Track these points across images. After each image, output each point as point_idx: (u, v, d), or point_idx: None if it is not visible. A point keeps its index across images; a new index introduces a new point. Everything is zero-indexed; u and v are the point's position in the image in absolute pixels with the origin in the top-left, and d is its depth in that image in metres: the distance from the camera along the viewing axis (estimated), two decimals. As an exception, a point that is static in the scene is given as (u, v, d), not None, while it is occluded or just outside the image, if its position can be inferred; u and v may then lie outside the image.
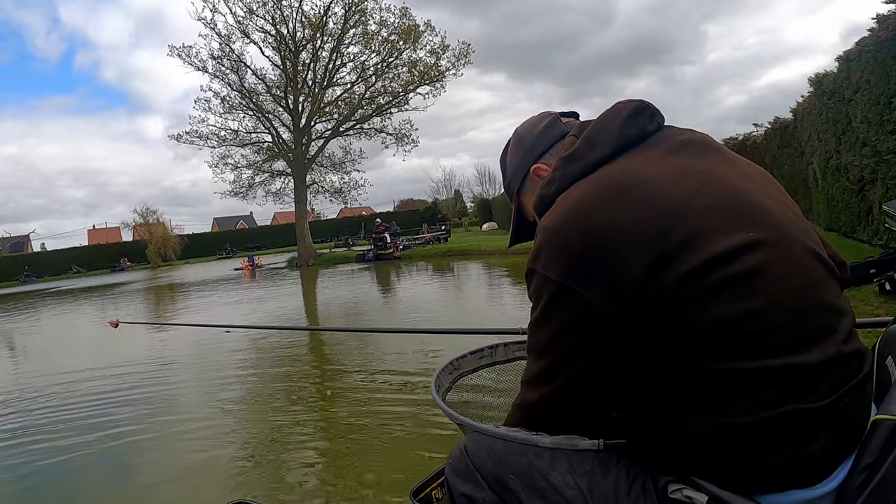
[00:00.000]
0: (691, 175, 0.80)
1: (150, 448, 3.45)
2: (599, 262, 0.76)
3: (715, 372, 0.72)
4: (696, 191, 0.78)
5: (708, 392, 0.73)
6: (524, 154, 1.04)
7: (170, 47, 23.15)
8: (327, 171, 26.35)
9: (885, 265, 4.45)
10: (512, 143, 1.08)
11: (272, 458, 3.04)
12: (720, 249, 0.73)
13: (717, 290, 0.72)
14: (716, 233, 0.74)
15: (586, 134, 0.90)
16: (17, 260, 45.97)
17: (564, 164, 0.90)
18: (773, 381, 0.71)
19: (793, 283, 0.75)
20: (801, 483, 0.72)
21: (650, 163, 0.84)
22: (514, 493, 0.89)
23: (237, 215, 66.53)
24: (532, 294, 0.85)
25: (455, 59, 23.50)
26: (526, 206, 1.05)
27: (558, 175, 0.90)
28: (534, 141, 1.03)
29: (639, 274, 0.73)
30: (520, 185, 1.05)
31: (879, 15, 5.67)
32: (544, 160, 1.00)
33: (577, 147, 0.89)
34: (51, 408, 4.49)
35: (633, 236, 0.75)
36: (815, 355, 0.73)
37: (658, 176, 0.80)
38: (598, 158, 0.86)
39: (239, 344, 6.59)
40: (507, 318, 6.47)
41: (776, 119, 10.51)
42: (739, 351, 0.72)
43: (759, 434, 0.71)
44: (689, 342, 0.73)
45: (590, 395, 0.84)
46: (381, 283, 13.50)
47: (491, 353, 1.50)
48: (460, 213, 48.24)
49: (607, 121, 0.90)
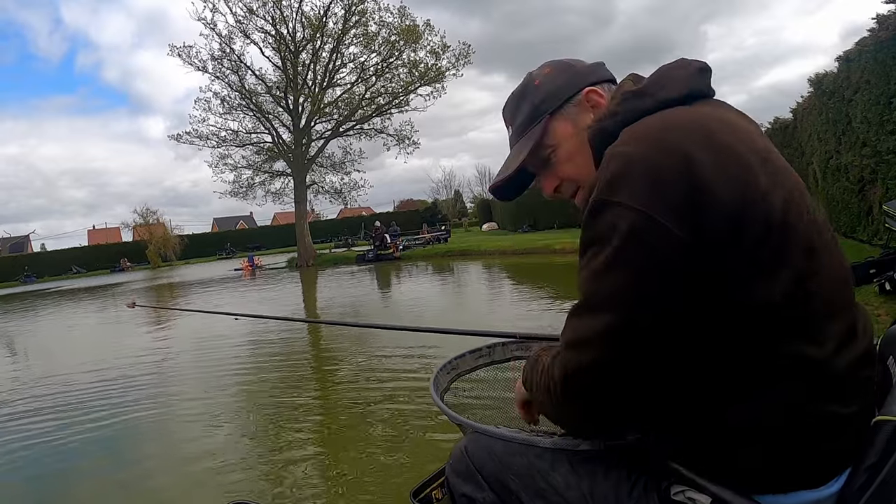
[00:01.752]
0: (760, 141, 0.77)
1: (149, 448, 3.44)
2: (692, 196, 0.68)
3: (758, 352, 0.70)
4: (766, 154, 0.75)
5: (745, 375, 0.71)
6: (574, 75, 0.92)
7: (170, 47, 23.16)
8: (327, 171, 26.36)
9: (885, 265, 4.44)
10: (554, 66, 0.94)
11: (272, 458, 3.04)
12: (791, 220, 0.71)
13: (782, 259, 0.69)
14: (787, 206, 0.71)
15: (654, 77, 0.84)
16: (17, 260, 45.94)
17: (633, 97, 0.82)
18: (809, 374, 0.70)
19: (839, 273, 0.75)
20: (807, 484, 0.72)
21: (723, 113, 0.79)
22: (515, 493, 0.89)
23: (237, 215, 66.53)
24: (599, 232, 0.72)
25: (455, 60, 23.53)
26: (556, 131, 0.90)
27: (625, 108, 0.81)
28: (587, 70, 0.93)
29: (729, 213, 0.68)
30: (560, 105, 0.90)
31: (879, 15, 5.67)
32: (600, 87, 0.91)
33: (646, 85, 0.83)
34: (51, 406, 4.48)
35: (726, 177, 0.69)
36: (847, 355, 0.72)
37: (735, 125, 0.77)
38: (670, 98, 0.80)
39: (240, 342, 6.60)
40: (508, 319, 6.47)
41: (776, 119, 10.52)
42: (785, 335, 0.70)
43: (780, 433, 0.70)
44: (740, 315, 0.70)
45: (652, 362, 0.71)
46: (380, 283, 13.49)
47: (489, 352, 1.50)
48: (460, 213, 48.24)
49: (675, 70, 0.84)
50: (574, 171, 0.90)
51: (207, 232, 56.73)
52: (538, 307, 6.99)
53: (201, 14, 28.98)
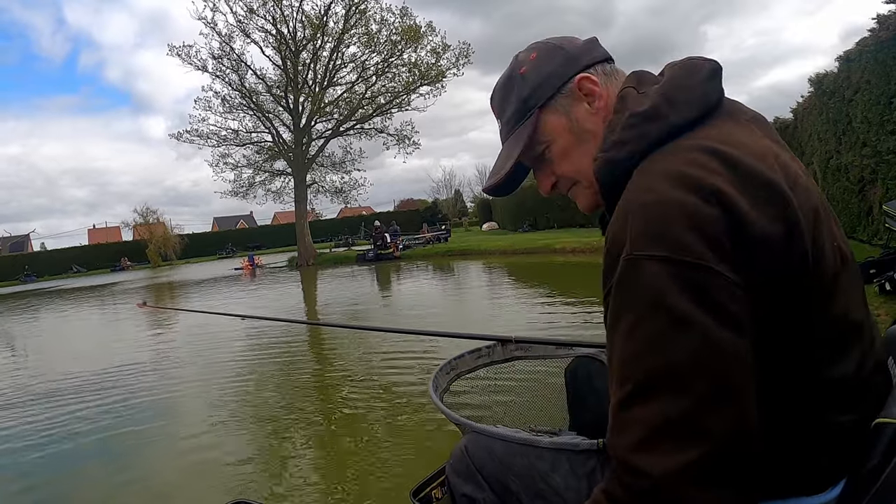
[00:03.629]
0: (780, 158, 0.72)
1: (150, 448, 3.45)
2: (737, 235, 0.61)
3: (785, 380, 0.68)
4: (793, 178, 0.70)
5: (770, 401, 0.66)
6: (564, 61, 0.82)
7: (169, 46, 23.15)
8: (327, 170, 26.35)
9: (885, 265, 4.45)
10: (540, 50, 0.84)
11: (272, 458, 3.04)
12: (823, 246, 0.68)
13: (819, 285, 0.67)
14: (818, 229, 0.68)
15: (664, 91, 0.74)
16: (17, 259, 45.96)
17: (641, 121, 0.72)
18: (838, 389, 0.69)
19: (858, 291, 0.74)
20: (809, 490, 0.71)
21: (744, 135, 0.72)
22: (515, 494, 0.89)
23: (237, 215, 66.54)
24: (644, 294, 0.61)
25: (455, 59, 23.52)
26: (547, 125, 0.82)
27: (633, 135, 0.72)
28: (577, 51, 0.83)
29: (772, 255, 0.63)
30: (550, 95, 0.81)
31: (879, 15, 5.68)
32: (592, 72, 0.82)
33: (657, 104, 0.73)
34: (51, 405, 4.48)
35: (762, 209, 0.63)
36: (868, 364, 0.72)
37: (759, 148, 0.71)
38: (685, 121, 0.71)
39: (241, 341, 6.60)
40: (507, 319, 6.47)
41: (776, 119, 10.50)
42: (828, 354, 0.68)
43: (793, 441, 0.69)
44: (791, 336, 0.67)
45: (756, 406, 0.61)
46: (381, 282, 13.49)
47: (489, 352, 1.50)
48: (460, 212, 48.24)
49: (685, 78, 0.76)
50: (570, 168, 0.83)
51: (208, 231, 56.76)
52: (538, 307, 6.99)
53: (202, 13, 29.10)
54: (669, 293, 0.59)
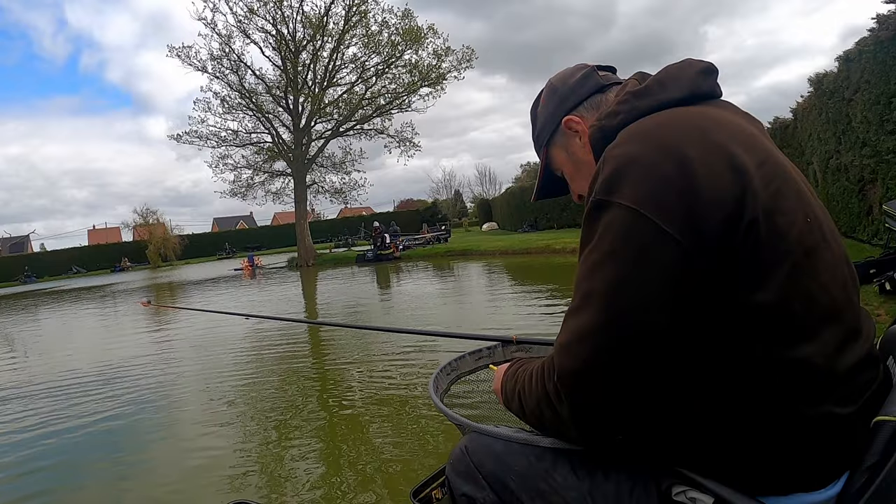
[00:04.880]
0: (759, 141, 0.78)
1: (150, 447, 3.45)
2: (685, 195, 0.68)
3: (757, 357, 0.69)
4: (764, 155, 0.75)
5: (744, 380, 0.70)
6: (556, 104, 0.97)
7: (169, 47, 23.20)
8: (327, 171, 26.38)
9: (885, 265, 4.45)
10: (544, 93, 1.01)
11: (272, 458, 3.04)
12: (785, 220, 0.71)
13: (778, 262, 0.69)
14: (783, 205, 0.72)
15: (657, 77, 0.85)
16: (17, 260, 45.97)
17: (633, 98, 0.83)
18: (808, 377, 0.69)
19: (838, 277, 0.75)
20: (809, 486, 0.72)
21: (723, 114, 0.80)
22: (516, 493, 0.89)
23: (237, 215, 66.62)
24: (595, 231, 0.73)
25: (457, 62, 23.52)
26: (554, 158, 1.00)
27: (624, 108, 0.83)
28: (567, 91, 0.96)
29: (723, 215, 0.68)
30: (549, 136, 0.99)
31: (879, 15, 5.67)
32: (577, 112, 0.95)
33: (648, 85, 0.84)
34: (52, 404, 4.48)
35: (719, 173, 0.69)
36: (849, 356, 0.72)
37: (735, 126, 0.77)
38: (671, 99, 0.81)
39: (241, 341, 6.60)
40: (508, 319, 6.47)
41: (776, 119, 10.51)
42: (785, 336, 0.69)
43: (782, 435, 0.70)
44: (740, 315, 0.69)
45: (648, 359, 0.70)
46: (380, 283, 13.49)
47: (489, 353, 1.50)
48: (460, 213, 48.28)
49: (679, 71, 0.85)
50: (583, 186, 0.93)
51: (207, 232, 56.76)
52: (538, 306, 6.99)
53: (201, 14, 29.19)
54: (613, 235, 0.71)
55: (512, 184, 39.63)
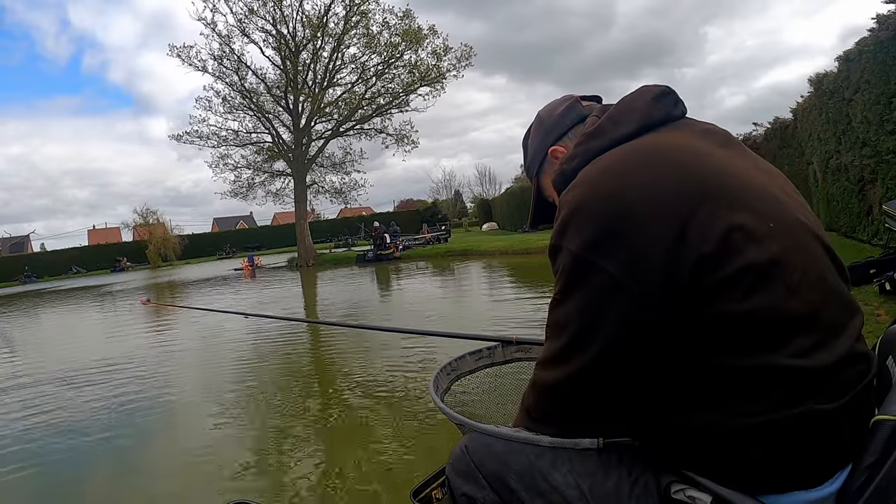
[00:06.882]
0: (711, 159, 0.80)
1: (150, 445, 3.45)
2: (624, 236, 0.73)
3: (727, 367, 0.71)
4: (715, 173, 0.77)
5: (718, 388, 0.72)
6: (543, 135, 1.05)
7: (169, 47, 23.17)
8: (327, 171, 26.35)
9: (885, 265, 4.45)
10: (534, 125, 1.09)
11: (272, 458, 3.04)
12: (741, 235, 0.72)
13: (737, 279, 0.70)
14: (737, 220, 0.73)
15: (610, 113, 0.90)
16: (17, 260, 45.96)
17: (587, 139, 0.89)
18: (784, 380, 0.70)
19: (811, 277, 0.75)
20: (805, 484, 0.72)
21: (673, 139, 0.84)
22: (516, 493, 0.89)
23: (237, 215, 66.61)
24: (555, 271, 0.82)
25: (456, 61, 23.51)
26: (545, 186, 1.05)
27: (580, 150, 0.89)
28: (553, 123, 1.04)
29: (662, 250, 0.71)
30: (539, 166, 1.06)
31: (879, 15, 5.67)
32: (562, 142, 1.01)
33: (601, 124, 0.89)
34: (52, 404, 4.48)
35: (657, 210, 0.73)
36: (827, 354, 0.72)
37: (681, 151, 0.80)
38: (622, 135, 0.86)
39: (241, 341, 6.60)
40: (508, 319, 6.47)
41: (776, 119, 10.51)
42: (753, 345, 0.70)
43: (767, 434, 0.71)
44: (704, 332, 0.72)
45: (605, 381, 0.79)
46: (381, 283, 13.49)
47: (490, 353, 1.50)
48: (460, 213, 48.28)
49: (632, 102, 0.90)
50: None
51: (207, 232, 56.75)
52: (538, 308, 6.99)
53: (201, 14, 29.19)
54: (566, 278, 0.79)
55: (512, 184, 39.57)
